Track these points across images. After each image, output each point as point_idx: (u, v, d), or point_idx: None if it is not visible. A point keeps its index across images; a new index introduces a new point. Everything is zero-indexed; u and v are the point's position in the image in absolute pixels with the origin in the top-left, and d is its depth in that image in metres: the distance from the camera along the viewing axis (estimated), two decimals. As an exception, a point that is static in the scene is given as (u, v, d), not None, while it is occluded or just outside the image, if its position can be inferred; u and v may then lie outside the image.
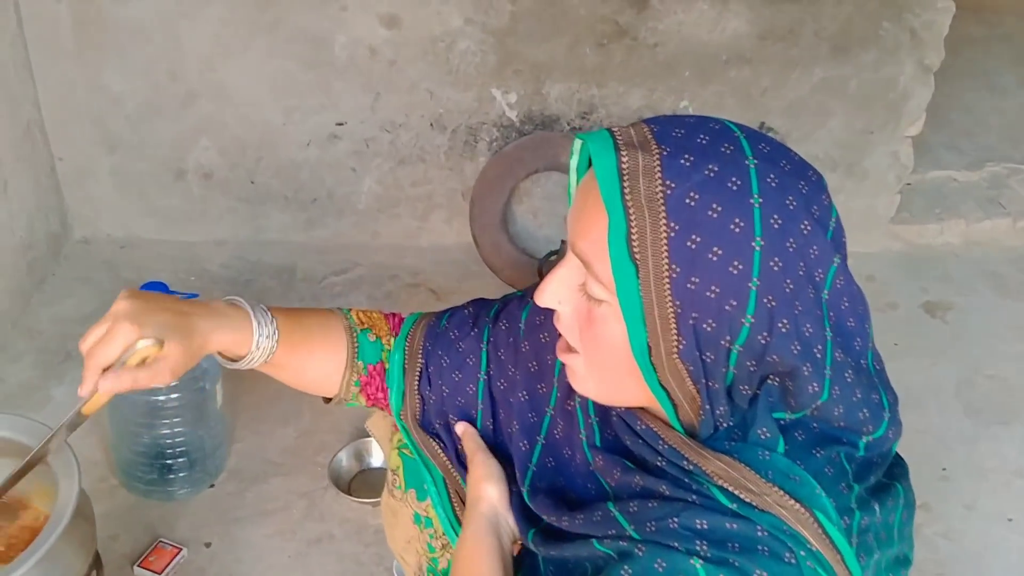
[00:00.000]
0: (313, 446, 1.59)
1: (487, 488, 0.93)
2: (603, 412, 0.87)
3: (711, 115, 0.78)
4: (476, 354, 0.99)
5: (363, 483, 1.53)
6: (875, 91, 1.98)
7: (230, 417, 1.56)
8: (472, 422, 0.99)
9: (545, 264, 2.01)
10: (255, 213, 2.03)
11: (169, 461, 1.43)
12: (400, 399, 1.00)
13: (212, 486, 1.50)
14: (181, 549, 1.38)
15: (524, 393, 0.95)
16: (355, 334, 0.99)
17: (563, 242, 2.05)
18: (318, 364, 0.98)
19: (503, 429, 0.98)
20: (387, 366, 1.00)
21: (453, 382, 0.99)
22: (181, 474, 1.45)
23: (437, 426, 1.00)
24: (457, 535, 0.98)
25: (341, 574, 1.37)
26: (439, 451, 1.00)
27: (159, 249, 2.02)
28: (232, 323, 0.90)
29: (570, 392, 0.90)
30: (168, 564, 1.35)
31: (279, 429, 1.61)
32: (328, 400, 1.01)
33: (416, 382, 0.99)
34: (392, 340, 1.01)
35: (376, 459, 1.55)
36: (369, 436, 1.55)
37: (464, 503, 0.98)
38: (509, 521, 0.93)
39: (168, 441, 1.41)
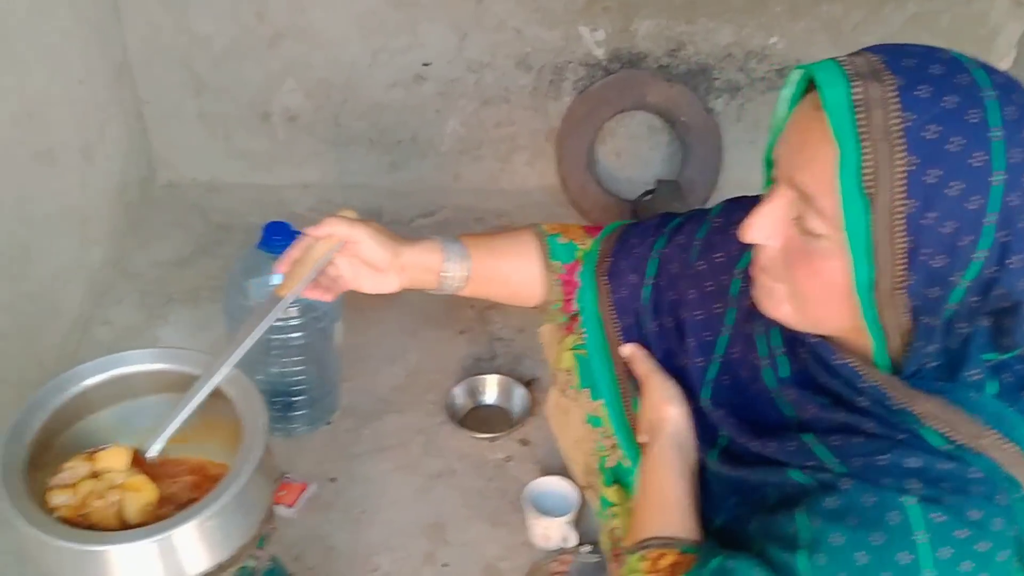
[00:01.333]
0: (422, 384, 1.60)
1: (669, 409, 0.95)
2: (791, 344, 0.87)
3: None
4: (646, 260, 1.04)
5: (477, 419, 1.54)
6: (966, 26, 1.95)
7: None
8: (640, 325, 1.03)
9: (640, 204, 2.02)
10: (340, 156, 2.03)
11: (291, 398, 1.45)
12: (589, 292, 1.07)
13: (329, 423, 1.51)
14: (307, 484, 1.40)
15: (699, 312, 0.96)
16: (544, 238, 1.07)
17: (659, 181, 2.05)
18: (515, 270, 1.07)
19: (672, 344, 1.00)
20: (582, 264, 1.07)
21: (628, 284, 1.04)
22: (301, 411, 1.47)
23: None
24: (627, 435, 1.00)
25: (466, 507, 1.40)
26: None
27: (245, 193, 2.02)
28: (424, 244, 1.01)
29: (750, 315, 0.91)
30: (297, 498, 1.38)
31: (387, 368, 1.62)
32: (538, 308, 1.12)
33: (605, 277, 1.06)
34: (588, 241, 1.09)
35: (489, 395, 1.56)
36: (483, 375, 1.57)
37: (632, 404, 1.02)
38: (692, 441, 0.94)
39: (290, 379, 1.43)
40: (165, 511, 0.95)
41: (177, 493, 1.01)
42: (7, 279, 1.41)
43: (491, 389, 1.56)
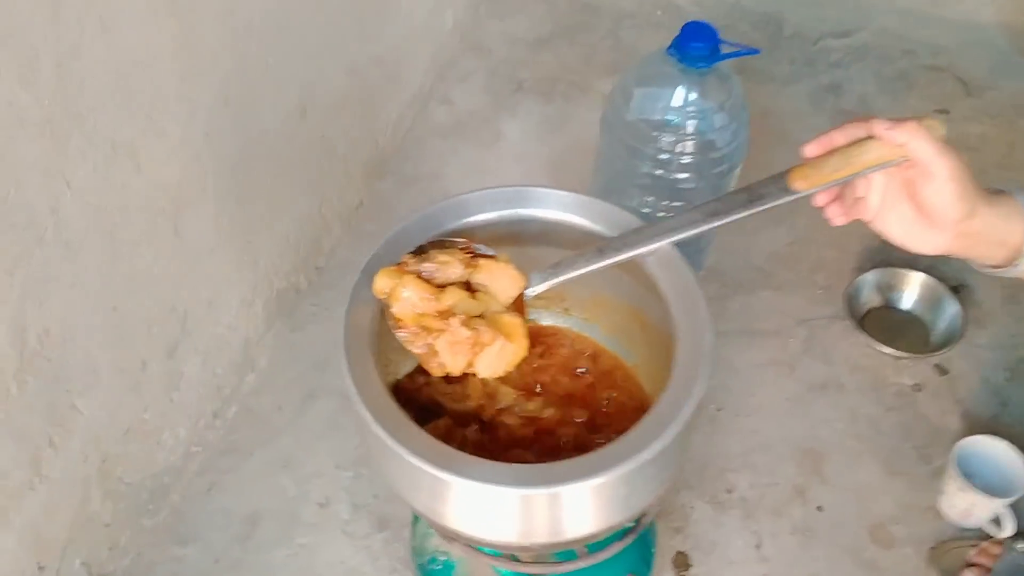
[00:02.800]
0: (809, 260, 1.26)
1: None
2: None
3: None
4: None
5: (880, 324, 1.19)
6: None
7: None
8: None
9: None
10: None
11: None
12: None
13: (691, 284, 1.22)
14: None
15: None
16: None
17: None
18: None
19: None
20: None
21: None
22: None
23: None
24: None
25: (854, 438, 1.08)
26: None
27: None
28: (1006, 205, 0.69)
29: None
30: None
31: (767, 228, 1.29)
32: None
33: None
34: None
35: (906, 298, 1.20)
36: (896, 267, 1.20)
37: None
38: None
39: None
40: (524, 381, 0.71)
41: (548, 369, 0.76)
42: (361, 38, 1.17)
43: (910, 290, 1.19)
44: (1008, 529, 0.97)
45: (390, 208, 1.29)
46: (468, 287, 0.65)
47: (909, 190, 0.66)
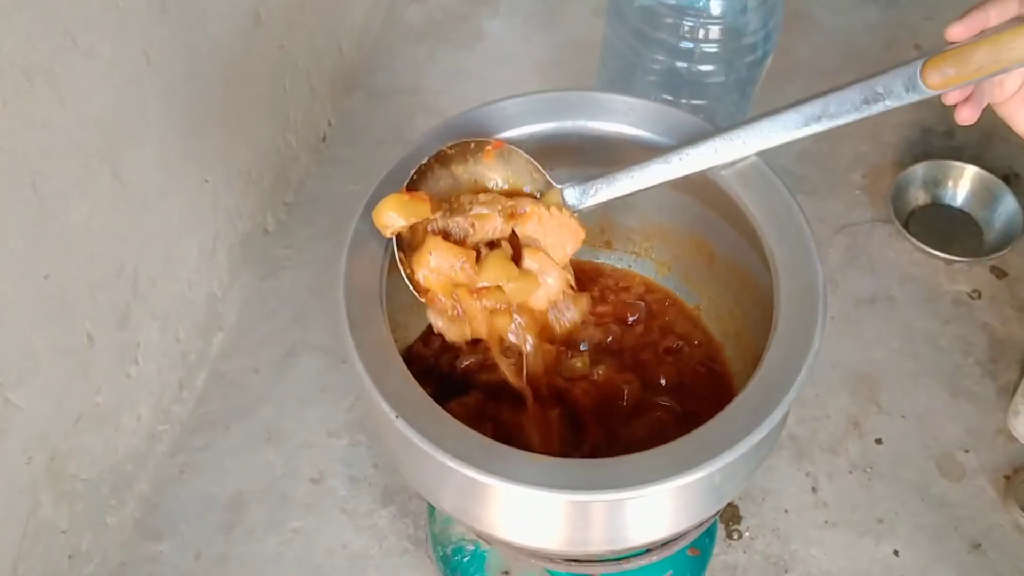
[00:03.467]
0: (844, 157, 1.12)
1: None
2: None
3: None
4: None
5: (928, 224, 1.06)
6: None
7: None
8: None
9: None
10: None
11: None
12: None
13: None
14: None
15: None
16: None
17: None
18: None
19: None
20: None
21: None
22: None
23: None
24: None
25: (912, 358, 0.96)
26: None
27: None
28: None
29: None
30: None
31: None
32: None
33: None
34: None
35: (958, 193, 1.06)
36: (942, 159, 1.06)
37: None
38: None
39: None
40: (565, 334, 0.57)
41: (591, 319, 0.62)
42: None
43: (962, 184, 1.06)
44: (1098, 453, 0.86)
45: (363, 129, 1.13)
46: (514, 238, 0.50)
47: None
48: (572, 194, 0.55)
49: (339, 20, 1.10)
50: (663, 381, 0.60)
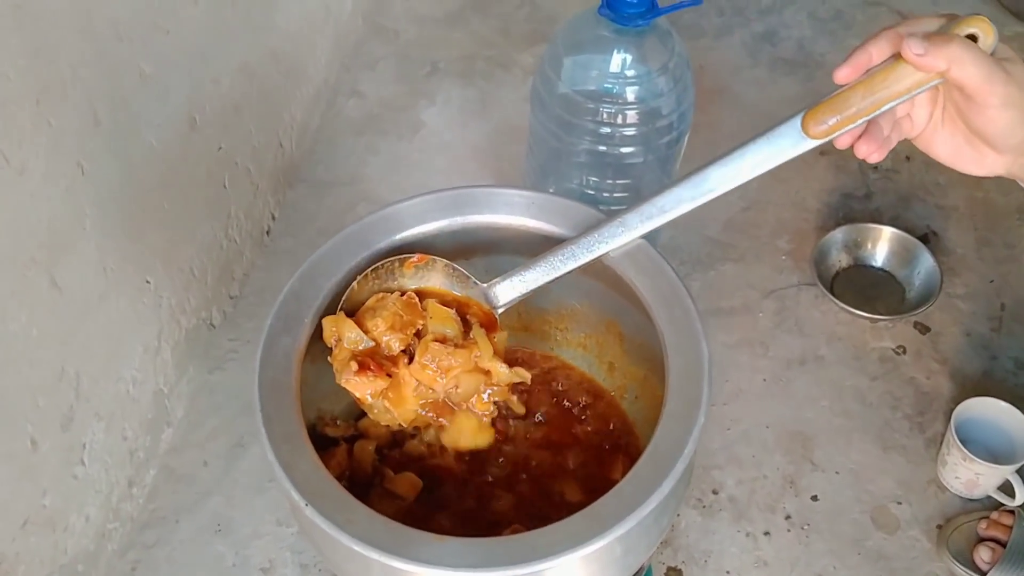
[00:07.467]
0: (768, 224, 1.16)
1: None
2: None
3: None
4: None
5: (850, 286, 1.10)
6: None
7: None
8: None
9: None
10: None
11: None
12: None
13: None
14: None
15: None
16: None
17: None
18: None
19: None
20: None
21: None
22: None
23: None
24: None
25: (841, 415, 0.99)
26: None
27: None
28: None
29: None
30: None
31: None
32: None
33: None
34: None
35: (877, 256, 1.11)
36: (860, 223, 1.11)
37: None
38: None
39: (604, 203, 1.02)
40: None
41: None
42: (250, 31, 1.04)
43: (881, 246, 1.11)
44: (1021, 496, 0.89)
45: (306, 221, 1.16)
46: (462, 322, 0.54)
47: (958, 109, 0.56)
48: (495, 293, 0.58)
49: (278, 117, 1.14)
50: (571, 462, 0.63)
